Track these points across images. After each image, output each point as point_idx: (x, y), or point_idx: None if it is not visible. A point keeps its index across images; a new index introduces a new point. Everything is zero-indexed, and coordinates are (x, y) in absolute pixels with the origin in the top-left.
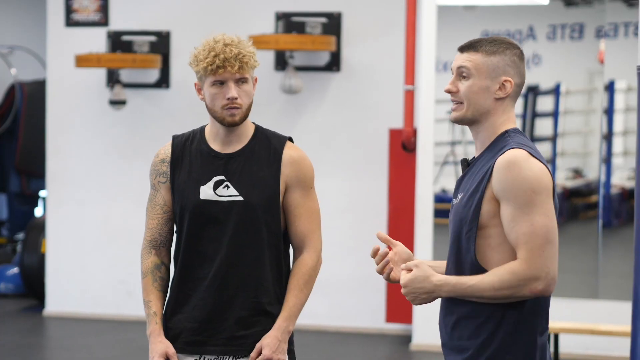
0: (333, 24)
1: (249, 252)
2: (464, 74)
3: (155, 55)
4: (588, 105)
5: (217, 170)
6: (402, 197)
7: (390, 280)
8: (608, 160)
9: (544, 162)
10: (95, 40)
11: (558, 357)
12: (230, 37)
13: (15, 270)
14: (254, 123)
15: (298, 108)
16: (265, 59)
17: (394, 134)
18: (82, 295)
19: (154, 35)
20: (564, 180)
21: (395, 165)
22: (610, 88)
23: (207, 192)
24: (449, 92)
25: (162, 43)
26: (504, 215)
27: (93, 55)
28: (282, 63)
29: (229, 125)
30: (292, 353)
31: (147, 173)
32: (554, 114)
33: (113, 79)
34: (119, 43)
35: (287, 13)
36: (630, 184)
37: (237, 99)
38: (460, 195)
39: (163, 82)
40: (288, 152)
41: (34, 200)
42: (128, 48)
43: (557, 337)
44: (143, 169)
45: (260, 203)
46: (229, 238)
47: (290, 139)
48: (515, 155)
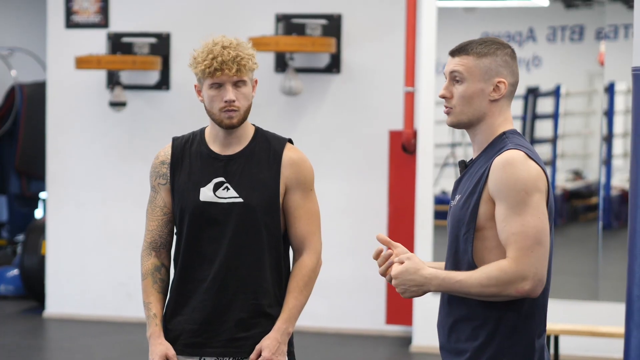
0: (333, 26)
1: (249, 253)
2: (457, 78)
3: (155, 57)
4: (588, 107)
5: (217, 172)
6: (402, 198)
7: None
8: (608, 162)
9: (541, 164)
10: (95, 42)
11: (558, 359)
12: (229, 39)
13: (15, 272)
14: (254, 125)
15: (298, 110)
16: (265, 61)
17: (394, 136)
18: (82, 297)
19: (154, 37)
20: (564, 182)
21: (396, 167)
22: (610, 90)
23: (207, 193)
24: (443, 97)
25: (162, 45)
26: (497, 215)
27: (93, 57)
28: (282, 65)
29: (227, 128)
30: (292, 354)
31: (147, 175)
32: (554, 116)
33: (113, 81)
34: (119, 45)
35: (287, 15)
36: None
37: (234, 102)
38: (458, 197)
39: (163, 83)
40: (288, 153)
41: (34, 202)
42: (128, 50)
43: (557, 339)
44: (143, 171)
45: (260, 205)
46: (229, 240)
47: (290, 141)
48: (512, 156)
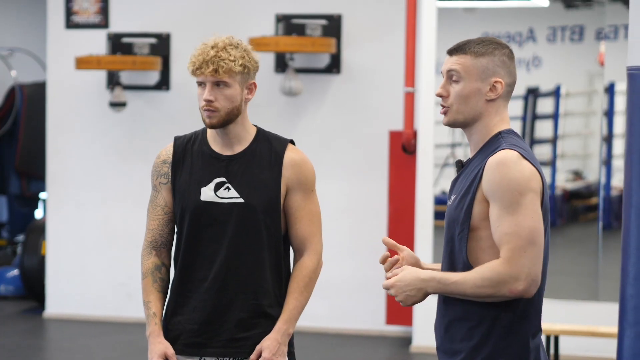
0: (333, 26)
1: (249, 254)
2: (454, 77)
3: (156, 57)
4: (588, 108)
5: (218, 172)
6: (402, 199)
7: None
8: (608, 163)
9: (536, 164)
10: (96, 42)
11: (558, 359)
12: (224, 39)
13: (16, 272)
14: (256, 125)
15: (298, 110)
16: (265, 61)
17: (394, 136)
18: (82, 297)
19: (154, 38)
20: (564, 182)
21: (396, 168)
22: (611, 90)
23: (207, 193)
24: (440, 96)
25: (162, 45)
26: (491, 215)
27: (93, 57)
28: (282, 65)
29: (208, 127)
30: (292, 355)
31: (147, 175)
32: (554, 116)
33: (113, 81)
34: (119, 45)
35: (287, 15)
36: None
37: (213, 102)
38: (454, 197)
39: (163, 84)
40: (289, 154)
41: (34, 202)
42: (128, 50)
43: (557, 339)
44: (143, 171)
45: (261, 205)
46: (229, 240)
47: (292, 142)
48: (506, 156)
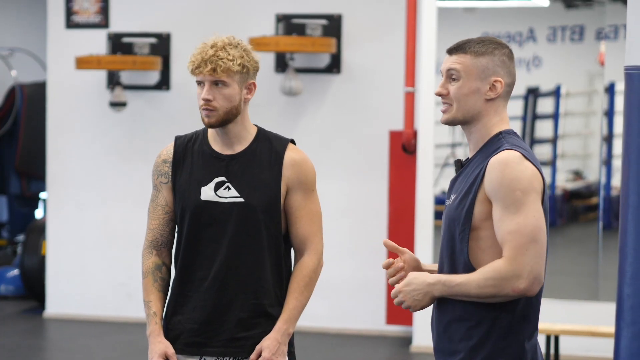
0: (333, 26)
1: (249, 253)
2: (454, 76)
3: (156, 57)
4: (588, 107)
5: (218, 172)
6: (402, 199)
7: None
8: (608, 162)
9: (538, 165)
10: (96, 42)
11: (558, 359)
12: (224, 39)
13: (16, 272)
14: (256, 125)
15: (298, 110)
16: (266, 61)
17: (394, 136)
18: (82, 297)
19: (155, 37)
20: (564, 182)
21: (396, 167)
22: (611, 90)
23: (208, 193)
24: (440, 94)
25: (162, 45)
26: (494, 215)
27: (93, 57)
28: (282, 65)
29: (207, 126)
30: (292, 355)
31: (147, 175)
32: (554, 116)
33: (113, 81)
34: (119, 45)
35: (287, 15)
36: None
37: (211, 102)
38: (454, 196)
39: (163, 84)
40: (290, 154)
41: (34, 202)
42: (128, 50)
43: (557, 339)
44: (143, 171)
45: (261, 205)
46: (229, 239)
47: (293, 141)
48: (508, 156)
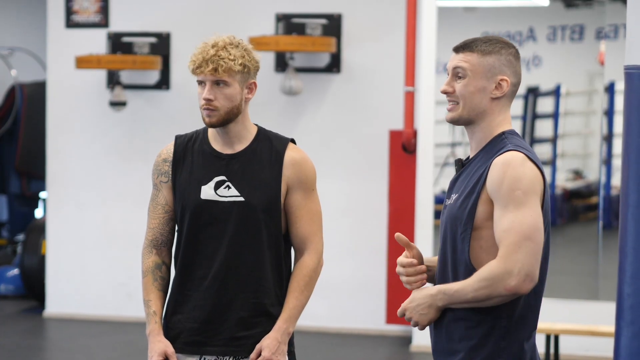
0: (333, 26)
1: (249, 253)
2: (460, 74)
3: (156, 57)
4: (588, 107)
5: (218, 171)
6: (402, 198)
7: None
8: (608, 162)
9: (540, 166)
10: (96, 42)
11: (558, 358)
12: (225, 39)
13: (16, 272)
14: (257, 125)
15: (298, 109)
16: (266, 61)
17: (394, 136)
18: (82, 297)
19: (154, 37)
20: (564, 182)
21: (396, 167)
22: (611, 89)
23: (208, 192)
24: (445, 92)
25: (162, 44)
26: (494, 216)
27: (93, 57)
28: (282, 64)
29: (208, 126)
30: (292, 354)
31: (147, 174)
32: (554, 116)
33: (113, 81)
34: (119, 44)
35: (287, 14)
36: None
37: (212, 101)
38: (455, 196)
39: (163, 83)
40: (290, 153)
41: (34, 202)
42: (128, 49)
43: (557, 338)
44: (143, 171)
45: (261, 204)
46: (229, 238)
47: (293, 141)
48: (512, 157)
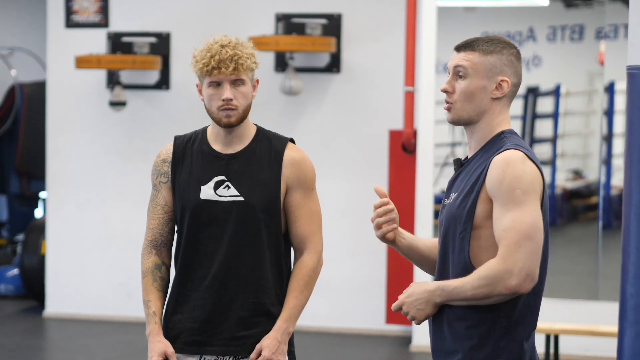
0: (333, 26)
1: (249, 252)
2: (461, 74)
3: (155, 57)
4: (588, 107)
5: (218, 171)
6: (402, 198)
7: (385, 240)
8: (608, 162)
9: (539, 165)
10: (96, 42)
11: (558, 358)
12: (229, 38)
13: (15, 272)
14: (256, 124)
15: (298, 109)
16: (265, 60)
17: (394, 136)
18: (82, 297)
19: (154, 37)
20: (564, 182)
21: (395, 167)
22: (611, 89)
23: (207, 192)
24: (445, 91)
25: (162, 44)
26: (494, 214)
27: (93, 57)
28: (282, 64)
29: (225, 127)
30: (292, 354)
31: (147, 174)
32: (554, 115)
33: (113, 80)
34: (119, 44)
35: (287, 14)
36: None
37: (232, 101)
38: (454, 195)
39: (163, 83)
40: (289, 153)
41: (34, 202)
42: (128, 49)
43: (557, 338)
44: (143, 171)
45: (261, 204)
46: (229, 238)
47: (292, 140)
48: (511, 156)
